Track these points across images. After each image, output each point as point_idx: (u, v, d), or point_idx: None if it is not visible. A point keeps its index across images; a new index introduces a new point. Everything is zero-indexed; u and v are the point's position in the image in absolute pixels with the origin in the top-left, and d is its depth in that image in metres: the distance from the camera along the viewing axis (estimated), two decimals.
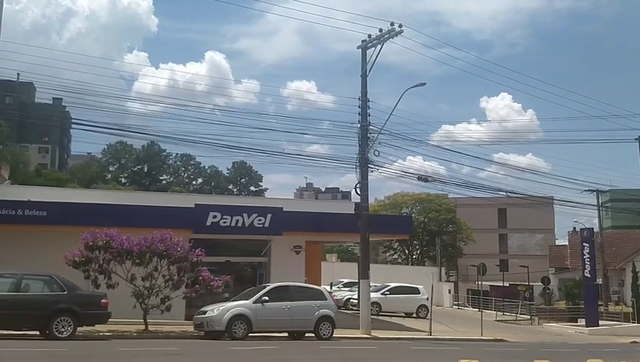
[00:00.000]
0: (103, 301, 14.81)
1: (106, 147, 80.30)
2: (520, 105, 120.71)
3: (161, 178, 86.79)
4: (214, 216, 20.63)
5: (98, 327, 15.17)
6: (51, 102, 56.33)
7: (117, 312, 15.38)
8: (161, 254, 16.54)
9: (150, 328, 16.39)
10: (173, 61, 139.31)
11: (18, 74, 53.77)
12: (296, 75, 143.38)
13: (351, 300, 29.13)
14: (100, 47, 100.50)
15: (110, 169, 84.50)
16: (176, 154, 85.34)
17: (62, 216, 18.61)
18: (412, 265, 60.25)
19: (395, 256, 65.75)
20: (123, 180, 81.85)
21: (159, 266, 16.66)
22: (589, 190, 34.43)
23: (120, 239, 16.32)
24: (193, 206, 20.97)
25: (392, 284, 30.12)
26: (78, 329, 14.32)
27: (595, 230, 36.17)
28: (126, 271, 16.42)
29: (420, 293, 29.58)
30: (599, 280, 36.95)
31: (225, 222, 20.72)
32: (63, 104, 56.99)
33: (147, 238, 16.52)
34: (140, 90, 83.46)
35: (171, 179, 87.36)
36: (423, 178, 24.37)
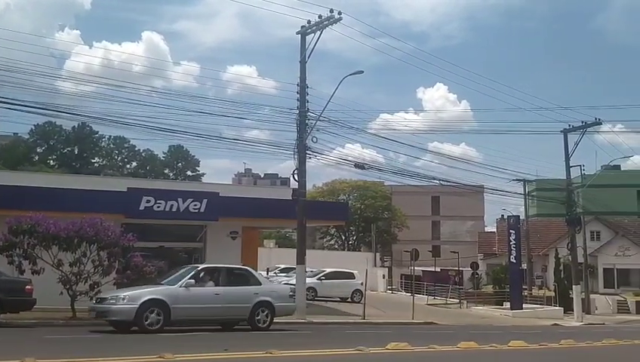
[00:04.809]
0: (27, 287, 14.32)
1: (33, 127, 76.44)
2: (455, 95, 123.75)
3: (93, 161, 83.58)
4: (148, 201, 20.17)
5: (23, 314, 14.60)
6: None
7: (43, 299, 14.86)
8: (90, 239, 16.05)
9: (78, 315, 15.89)
10: (107, 40, 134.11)
11: None
12: (236, 59, 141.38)
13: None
14: (30, 24, 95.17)
15: (38, 150, 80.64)
16: (110, 136, 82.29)
17: None
18: (348, 250, 61.10)
19: (332, 242, 66.47)
20: (52, 162, 78.35)
21: (88, 251, 16.17)
22: (516, 179, 35.84)
23: (46, 223, 15.70)
24: (126, 190, 20.45)
25: (328, 270, 30.46)
26: (1, 316, 13.79)
27: (521, 218, 37.84)
28: (53, 257, 15.84)
29: (354, 278, 30.05)
30: (524, 266, 38.78)
31: (159, 207, 20.31)
32: None
33: (75, 223, 15.98)
34: (72, 69, 79.62)
35: (104, 162, 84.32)
36: (360, 165, 24.61)
